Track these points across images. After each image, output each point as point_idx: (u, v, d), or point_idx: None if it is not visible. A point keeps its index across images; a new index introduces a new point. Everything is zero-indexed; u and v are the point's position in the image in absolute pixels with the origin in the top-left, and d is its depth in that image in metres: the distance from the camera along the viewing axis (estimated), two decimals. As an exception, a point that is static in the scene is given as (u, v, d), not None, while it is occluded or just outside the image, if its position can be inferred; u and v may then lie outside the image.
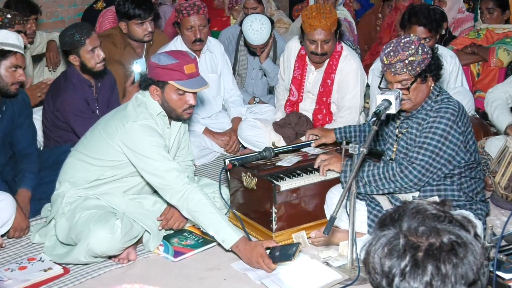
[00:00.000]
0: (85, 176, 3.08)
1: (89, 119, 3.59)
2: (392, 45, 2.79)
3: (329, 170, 3.16)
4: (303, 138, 4.03)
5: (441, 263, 1.18)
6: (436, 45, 3.91)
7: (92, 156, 3.05)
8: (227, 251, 2.96)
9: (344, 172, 2.98)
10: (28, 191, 3.36)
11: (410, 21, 3.93)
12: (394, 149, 3.01)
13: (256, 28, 4.52)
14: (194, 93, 3.00)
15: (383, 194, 3.00)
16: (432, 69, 2.82)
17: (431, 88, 2.88)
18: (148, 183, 3.09)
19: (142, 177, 3.05)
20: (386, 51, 2.79)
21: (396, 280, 1.20)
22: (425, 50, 2.77)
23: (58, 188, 3.13)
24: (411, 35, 2.86)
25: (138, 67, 3.77)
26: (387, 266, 1.21)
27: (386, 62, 2.78)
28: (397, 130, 3.02)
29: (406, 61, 2.73)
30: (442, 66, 2.89)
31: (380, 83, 2.92)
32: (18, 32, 4.01)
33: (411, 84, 2.79)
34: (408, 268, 1.19)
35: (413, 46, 2.74)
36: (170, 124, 3.12)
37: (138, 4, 4.32)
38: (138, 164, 2.97)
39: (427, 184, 2.89)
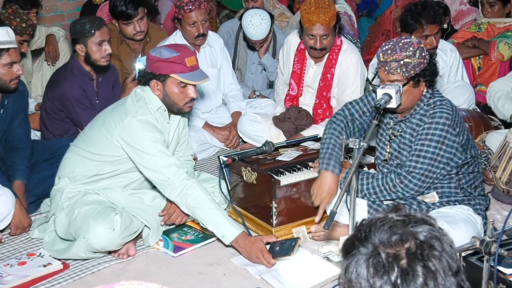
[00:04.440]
0: (84, 171, 3.07)
1: (89, 107, 3.60)
2: (391, 43, 2.76)
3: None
4: (303, 133, 4.02)
5: (427, 261, 1.18)
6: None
7: (91, 151, 3.04)
8: (227, 246, 2.95)
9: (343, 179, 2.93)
10: (23, 183, 3.35)
11: (419, 22, 3.85)
12: (387, 151, 3.00)
13: (256, 23, 4.50)
14: (195, 86, 3.00)
15: None
16: (427, 75, 2.77)
17: (423, 92, 2.84)
18: (147, 179, 3.08)
19: (141, 172, 3.04)
20: (384, 48, 2.76)
21: None
22: (423, 54, 2.73)
23: (57, 183, 3.12)
24: (412, 37, 2.82)
25: (140, 65, 3.79)
26: (378, 285, 1.19)
27: (381, 59, 2.76)
28: (390, 131, 3.00)
29: (401, 62, 2.70)
30: (437, 73, 2.85)
31: (373, 79, 2.90)
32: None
33: (403, 86, 2.74)
34: (399, 279, 1.17)
35: (411, 48, 2.71)
36: (169, 119, 3.11)
37: (125, 3, 4.26)
38: (136, 159, 2.96)
39: (427, 188, 2.89)
